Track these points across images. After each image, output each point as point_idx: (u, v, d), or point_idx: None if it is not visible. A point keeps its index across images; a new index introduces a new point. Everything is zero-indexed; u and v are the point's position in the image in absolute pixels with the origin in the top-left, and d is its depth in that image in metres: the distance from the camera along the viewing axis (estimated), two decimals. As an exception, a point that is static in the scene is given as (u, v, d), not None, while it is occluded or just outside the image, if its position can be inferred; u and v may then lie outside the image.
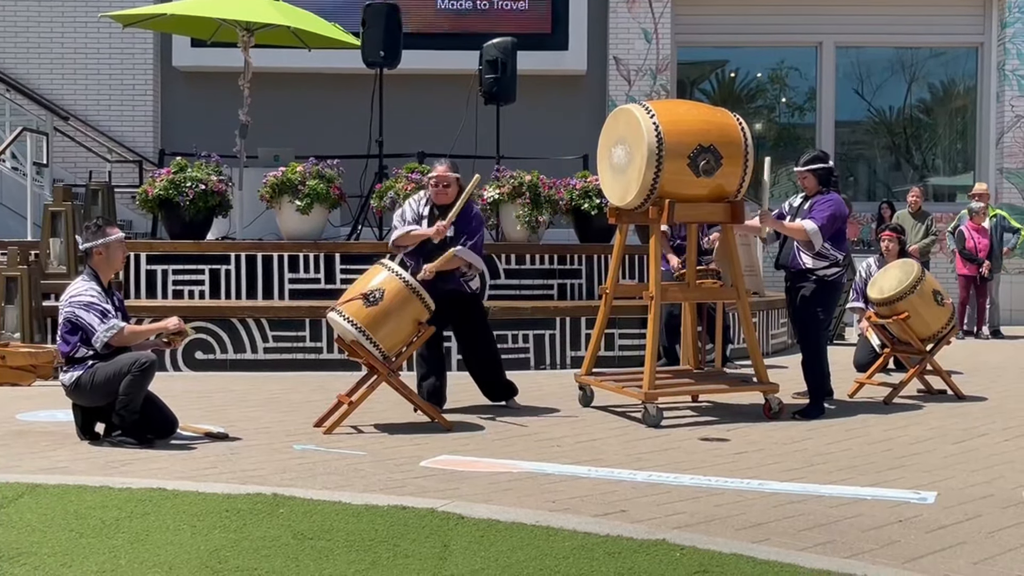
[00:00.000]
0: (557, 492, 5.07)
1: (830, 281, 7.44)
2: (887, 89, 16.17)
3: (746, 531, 4.43)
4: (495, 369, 7.52)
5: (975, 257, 13.15)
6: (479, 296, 7.60)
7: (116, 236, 6.31)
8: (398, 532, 4.25)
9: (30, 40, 15.00)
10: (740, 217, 7.20)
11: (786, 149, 16.21)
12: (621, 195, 7.18)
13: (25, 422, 6.88)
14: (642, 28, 15.17)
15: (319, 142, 13.32)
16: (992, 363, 10.57)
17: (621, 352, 9.72)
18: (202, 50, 14.14)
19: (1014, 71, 15.17)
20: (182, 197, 10.18)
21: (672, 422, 7.03)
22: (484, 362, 7.50)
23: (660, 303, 7.14)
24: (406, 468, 5.57)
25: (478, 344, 7.47)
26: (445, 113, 12.98)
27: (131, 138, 15.02)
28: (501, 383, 7.53)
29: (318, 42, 11.56)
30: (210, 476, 5.34)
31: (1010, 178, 15.19)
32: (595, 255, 10.44)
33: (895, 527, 4.52)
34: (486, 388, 7.54)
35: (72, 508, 4.54)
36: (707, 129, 7.02)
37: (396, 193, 10.11)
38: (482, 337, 7.50)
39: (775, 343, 11.47)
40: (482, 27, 14.65)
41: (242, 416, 7.14)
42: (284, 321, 9.43)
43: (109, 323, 6.06)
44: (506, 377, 7.55)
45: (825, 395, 7.59)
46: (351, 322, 6.49)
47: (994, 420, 7.26)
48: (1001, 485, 5.32)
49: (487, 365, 7.51)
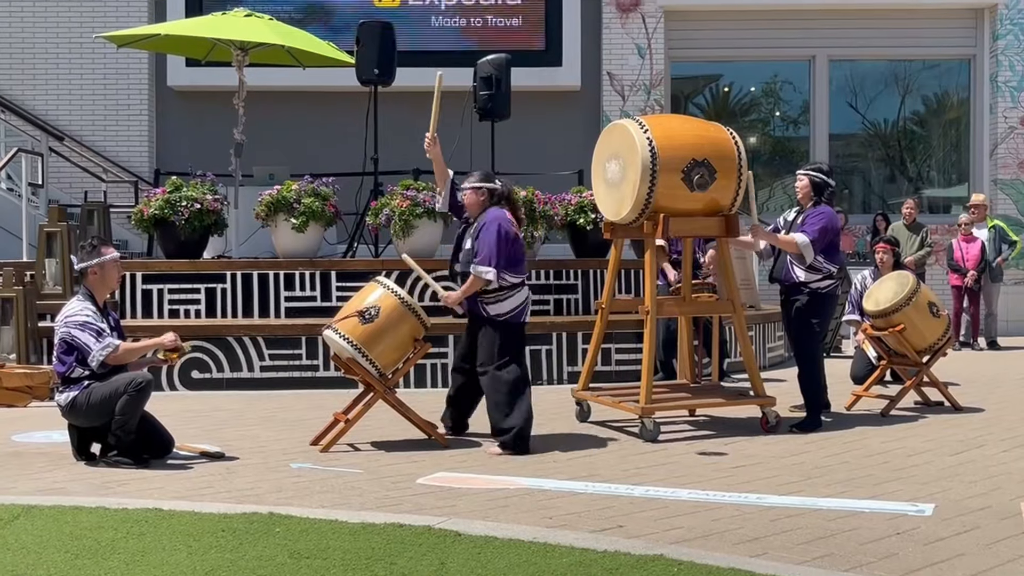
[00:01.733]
0: (554, 508, 5.06)
1: (824, 294, 7.46)
2: (880, 102, 16.22)
3: (744, 545, 4.42)
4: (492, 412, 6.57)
5: (960, 268, 13.20)
6: (497, 322, 6.59)
7: (111, 256, 6.31)
8: (395, 550, 4.24)
9: (25, 61, 15.02)
10: (735, 231, 7.22)
11: (780, 162, 16.25)
12: (616, 210, 7.19)
13: (21, 443, 6.87)
14: (635, 43, 15.22)
15: (314, 160, 13.34)
16: (988, 374, 10.57)
17: (618, 367, 9.72)
18: (197, 69, 14.15)
19: (1006, 83, 15.22)
20: (177, 216, 10.18)
21: (669, 436, 7.03)
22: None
23: (656, 317, 7.15)
24: (403, 485, 5.56)
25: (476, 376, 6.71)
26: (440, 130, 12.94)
27: (126, 158, 15.02)
28: (498, 428, 6.55)
29: (312, 60, 11.59)
30: (206, 496, 5.33)
31: (1004, 189, 15.23)
32: (591, 270, 10.44)
33: (893, 539, 4.52)
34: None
35: (68, 529, 4.53)
36: (701, 143, 7.04)
37: (392, 210, 10.12)
38: (483, 370, 6.61)
39: (772, 356, 11.47)
40: (476, 44, 14.72)
41: (238, 435, 7.13)
42: (280, 339, 9.42)
43: (104, 342, 6.05)
44: (505, 425, 6.47)
45: (822, 408, 7.59)
46: (347, 340, 6.49)
47: (991, 431, 7.26)
48: (999, 497, 5.32)
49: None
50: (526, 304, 6.74)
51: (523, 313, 6.71)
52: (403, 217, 10.05)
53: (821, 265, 7.37)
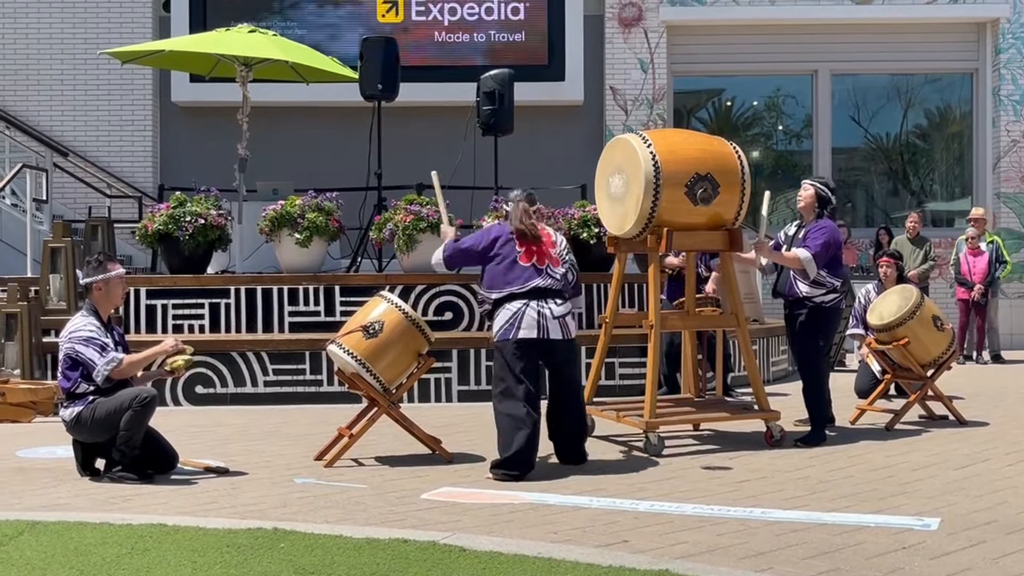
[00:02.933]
0: (559, 523, 5.05)
1: (827, 308, 7.46)
2: (883, 115, 16.24)
3: (749, 560, 4.41)
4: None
5: (967, 281, 13.20)
6: (495, 344, 6.38)
7: (117, 272, 6.32)
8: (400, 566, 4.23)
9: (30, 77, 15.08)
10: (738, 245, 7.22)
11: (783, 176, 16.26)
12: (619, 224, 7.20)
13: (25, 459, 6.86)
14: (638, 58, 15.26)
15: (318, 175, 13.36)
16: (993, 388, 10.55)
17: (622, 381, 9.71)
18: (201, 85, 14.20)
19: (1009, 96, 15.25)
20: (181, 231, 10.20)
21: (673, 451, 7.02)
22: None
23: (660, 331, 7.14)
24: (407, 501, 5.55)
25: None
26: (443, 145, 13.02)
27: (130, 173, 15.06)
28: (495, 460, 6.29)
29: (316, 76, 11.63)
30: (211, 511, 5.32)
31: (1008, 202, 15.23)
32: (594, 284, 10.44)
33: (899, 554, 4.50)
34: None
35: (72, 545, 4.53)
36: (704, 158, 7.05)
37: (395, 225, 10.13)
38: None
39: (776, 370, 11.46)
40: (479, 59, 14.77)
41: (243, 450, 7.12)
42: (284, 354, 9.42)
43: (108, 356, 6.06)
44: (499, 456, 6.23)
45: (826, 422, 7.57)
46: (351, 354, 6.49)
47: (996, 445, 7.24)
48: (1005, 511, 5.30)
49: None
50: (514, 321, 6.21)
51: (511, 331, 6.20)
52: (406, 232, 10.06)
53: (824, 280, 7.38)
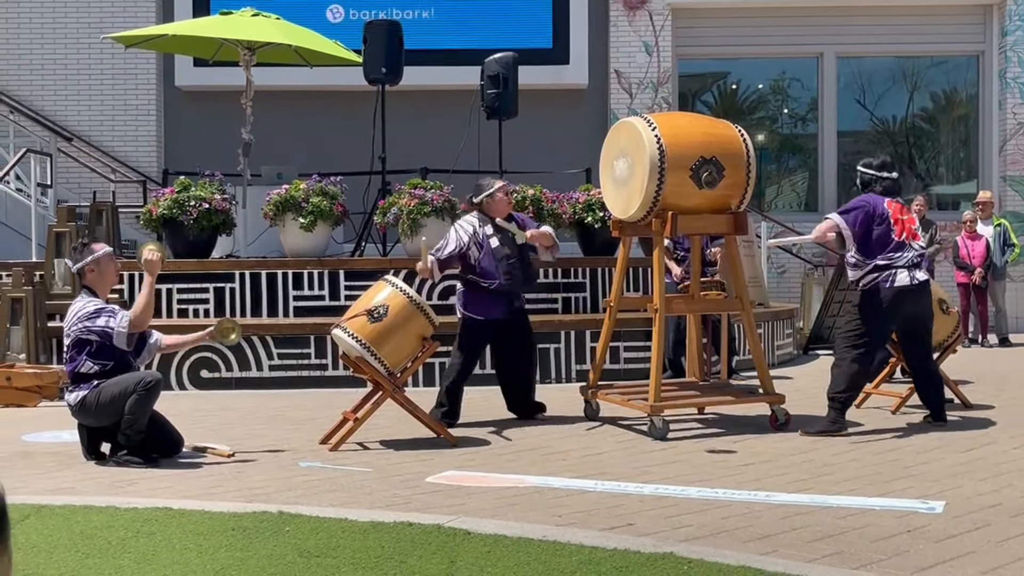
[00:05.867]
0: (564, 506, 5.05)
1: (865, 291, 7.12)
2: (889, 98, 16.18)
3: (754, 543, 4.41)
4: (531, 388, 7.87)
5: (967, 265, 13.17)
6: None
7: (104, 250, 6.31)
8: (405, 549, 4.24)
9: (33, 62, 15.06)
10: (743, 228, 7.19)
11: (789, 159, 16.22)
12: (624, 208, 7.18)
13: (31, 443, 6.89)
14: (643, 41, 15.20)
15: (322, 159, 13.35)
16: (998, 371, 10.53)
17: (626, 365, 9.71)
18: (204, 69, 14.18)
19: (1015, 79, 15.18)
20: (186, 216, 10.20)
21: (678, 434, 7.02)
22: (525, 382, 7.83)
23: (665, 315, 7.13)
24: (412, 484, 5.56)
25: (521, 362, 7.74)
26: (447, 129, 13.01)
27: (134, 158, 15.07)
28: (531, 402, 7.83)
29: (320, 60, 11.60)
30: (216, 495, 5.34)
31: (1013, 185, 15.18)
32: (599, 268, 10.44)
33: (904, 537, 4.50)
34: (519, 407, 7.81)
35: (78, 529, 4.54)
36: (709, 141, 7.02)
37: (399, 209, 10.12)
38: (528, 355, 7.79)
39: (780, 354, 11.45)
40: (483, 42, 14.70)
41: (247, 434, 7.14)
42: (289, 338, 9.43)
43: (120, 314, 6.07)
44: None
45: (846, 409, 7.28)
46: (355, 338, 6.49)
47: (1002, 428, 7.23)
48: (1010, 494, 5.30)
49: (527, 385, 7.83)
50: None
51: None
52: (411, 216, 10.06)
53: (860, 260, 7.11)
